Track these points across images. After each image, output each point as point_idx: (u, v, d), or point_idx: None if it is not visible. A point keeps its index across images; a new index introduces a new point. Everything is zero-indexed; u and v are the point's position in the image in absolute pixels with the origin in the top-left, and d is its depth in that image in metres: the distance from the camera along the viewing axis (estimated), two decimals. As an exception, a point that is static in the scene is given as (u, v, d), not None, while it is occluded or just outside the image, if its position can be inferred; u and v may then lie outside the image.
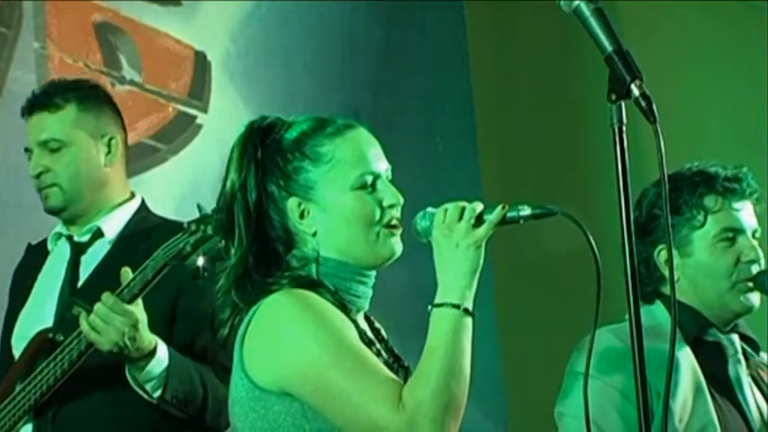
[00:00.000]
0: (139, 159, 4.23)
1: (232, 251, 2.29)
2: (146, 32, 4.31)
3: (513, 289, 4.96)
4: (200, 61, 4.42)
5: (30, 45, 4.07)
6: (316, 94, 4.59)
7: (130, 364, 2.91)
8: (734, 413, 2.85)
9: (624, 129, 2.01)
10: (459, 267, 2.24)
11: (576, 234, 2.43)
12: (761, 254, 2.92)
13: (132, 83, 4.26)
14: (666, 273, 2.88)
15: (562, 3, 2.05)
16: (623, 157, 2.01)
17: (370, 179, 2.32)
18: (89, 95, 3.22)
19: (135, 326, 2.85)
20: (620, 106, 2.01)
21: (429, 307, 2.22)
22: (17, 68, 3.99)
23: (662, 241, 2.88)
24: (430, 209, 2.31)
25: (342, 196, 2.31)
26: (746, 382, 2.89)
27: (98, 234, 3.16)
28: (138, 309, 2.88)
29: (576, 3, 2.04)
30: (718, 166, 2.95)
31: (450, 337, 2.18)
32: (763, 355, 3.01)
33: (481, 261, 2.27)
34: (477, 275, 2.25)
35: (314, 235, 2.31)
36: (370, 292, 2.36)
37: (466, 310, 2.21)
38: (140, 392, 2.93)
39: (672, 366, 2.00)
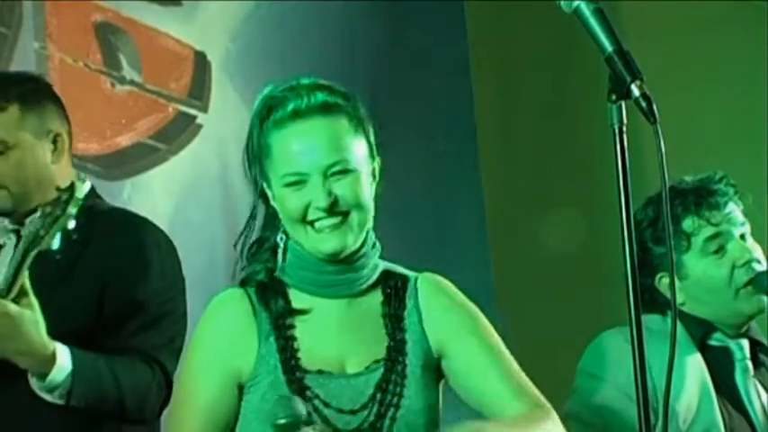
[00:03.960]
0: (139, 159, 4.23)
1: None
2: (146, 32, 4.31)
3: (513, 289, 4.96)
4: (200, 61, 4.42)
5: (30, 45, 4.07)
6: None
7: (30, 373, 2.82)
8: (740, 418, 2.86)
9: (624, 129, 2.01)
10: None
11: (576, 234, 2.43)
12: (755, 252, 2.92)
13: (132, 83, 4.26)
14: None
15: (562, 3, 2.05)
16: (623, 157, 2.01)
17: (293, 178, 2.36)
18: (31, 92, 3.10)
19: (3, 316, 2.70)
20: (621, 106, 2.01)
21: None
22: (17, 68, 3.97)
23: (659, 270, 2.90)
24: None
25: (277, 190, 2.40)
26: (752, 387, 2.90)
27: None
28: (24, 304, 2.74)
29: (576, 3, 2.04)
30: (689, 180, 2.94)
31: None
32: None
33: None
34: None
35: (281, 219, 2.42)
36: (344, 279, 2.40)
37: None
38: (47, 398, 2.85)
39: (672, 367, 2.00)
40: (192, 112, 4.39)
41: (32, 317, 2.72)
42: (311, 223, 2.35)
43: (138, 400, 2.96)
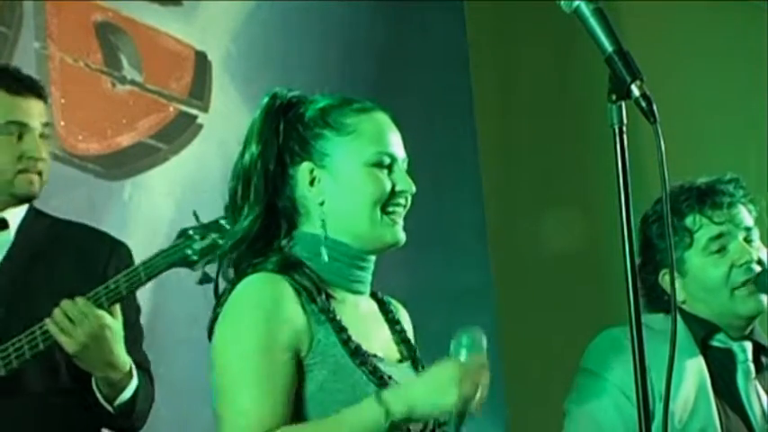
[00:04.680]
0: (140, 159, 4.24)
1: (244, 213, 2.31)
2: (146, 32, 4.31)
3: (513, 289, 4.96)
4: (201, 61, 4.42)
5: (30, 45, 4.07)
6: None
7: (105, 386, 2.89)
8: (738, 420, 2.87)
9: (624, 129, 2.02)
10: (431, 396, 2.19)
11: (576, 234, 2.43)
12: (758, 254, 2.92)
13: (133, 83, 4.26)
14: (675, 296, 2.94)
15: (562, 3, 2.05)
16: (623, 157, 2.01)
17: (387, 159, 2.33)
18: None
19: (102, 328, 2.81)
20: (621, 106, 2.01)
21: (373, 395, 2.19)
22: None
23: (662, 266, 2.91)
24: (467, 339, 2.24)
25: (356, 169, 2.31)
26: (753, 389, 2.91)
27: (2, 225, 3.08)
28: (115, 315, 2.85)
29: (576, 3, 2.04)
30: (699, 179, 2.97)
31: (360, 428, 2.17)
32: None
33: (448, 409, 2.20)
34: (431, 415, 2.23)
35: (321, 204, 2.32)
36: (366, 277, 2.36)
37: (392, 423, 2.17)
38: (105, 405, 2.92)
39: (672, 368, 2.01)
40: (193, 111, 4.39)
41: (120, 332, 2.83)
42: (384, 210, 2.32)
43: (147, 411, 3.03)
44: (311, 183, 2.32)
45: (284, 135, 2.35)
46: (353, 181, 2.31)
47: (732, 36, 5.15)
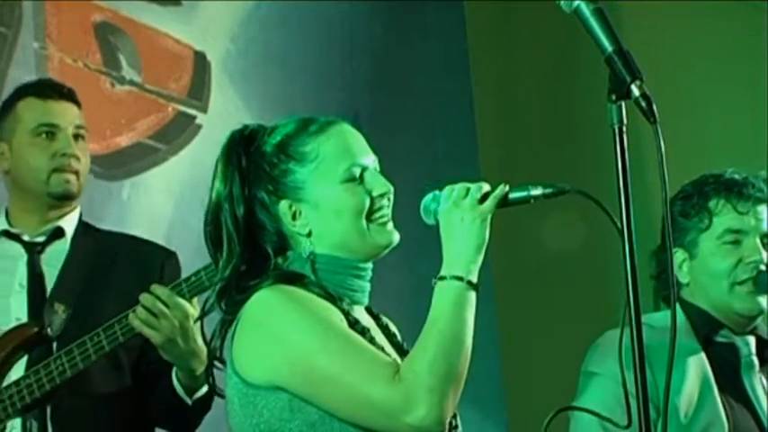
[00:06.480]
0: (139, 159, 4.24)
1: (221, 263, 2.30)
2: (145, 32, 4.31)
3: (513, 289, 4.96)
4: (200, 61, 4.42)
5: (29, 45, 4.07)
6: (316, 94, 4.59)
7: (187, 377, 2.95)
8: (744, 412, 2.88)
9: (624, 129, 2.02)
10: (464, 241, 2.25)
11: (576, 234, 2.43)
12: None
13: (132, 83, 4.26)
14: (681, 277, 2.95)
15: (562, 3, 2.05)
16: (623, 157, 2.01)
17: (357, 171, 2.32)
18: None
19: (186, 318, 2.87)
20: (621, 106, 2.01)
21: (433, 281, 2.22)
22: (17, 68, 3.99)
23: (676, 245, 2.93)
24: (438, 190, 2.31)
25: (331, 191, 2.31)
26: (758, 382, 2.92)
27: (58, 234, 3.16)
28: (195, 307, 2.90)
29: (576, 3, 2.04)
30: (736, 171, 2.99)
31: (451, 309, 2.18)
32: None
33: (486, 236, 2.26)
34: (483, 250, 2.26)
35: (308, 235, 2.32)
36: (366, 286, 2.36)
37: (469, 283, 2.21)
38: (184, 398, 2.99)
39: (672, 365, 2.01)
40: (192, 112, 4.39)
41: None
42: (369, 218, 2.32)
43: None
44: (293, 218, 2.32)
45: (250, 174, 2.36)
46: (332, 203, 2.32)
47: (732, 36, 5.15)
